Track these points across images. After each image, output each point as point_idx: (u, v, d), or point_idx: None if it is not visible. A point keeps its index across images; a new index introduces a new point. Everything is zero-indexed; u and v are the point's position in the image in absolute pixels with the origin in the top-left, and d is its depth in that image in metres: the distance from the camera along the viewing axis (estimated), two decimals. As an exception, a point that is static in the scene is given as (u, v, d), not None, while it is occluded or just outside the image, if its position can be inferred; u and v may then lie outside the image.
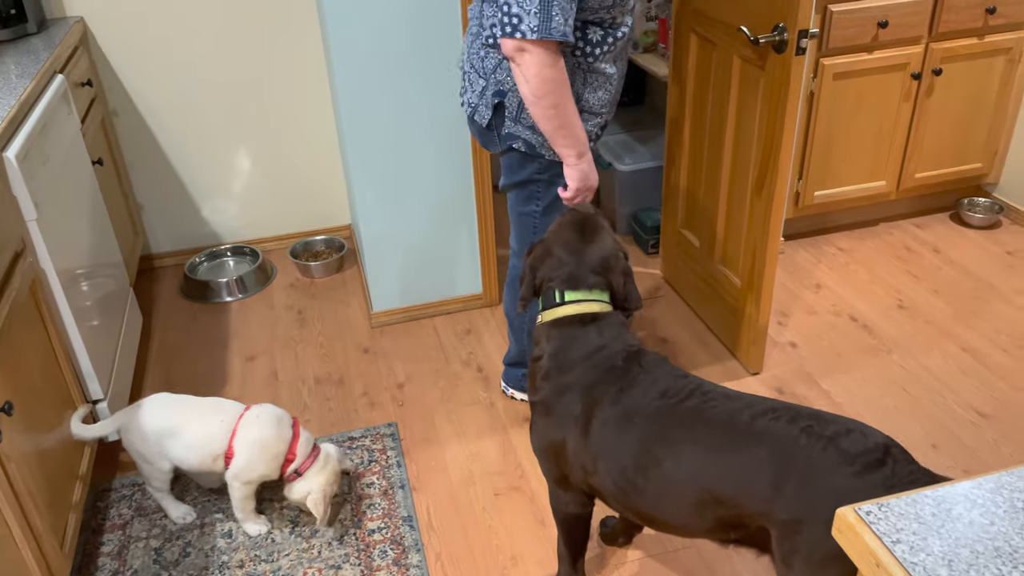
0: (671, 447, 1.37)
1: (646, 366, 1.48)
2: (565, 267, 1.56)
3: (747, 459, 1.30)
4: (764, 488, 1.27)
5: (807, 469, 1.25)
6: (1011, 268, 2.91)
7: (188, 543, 1.99)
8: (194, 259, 3.11)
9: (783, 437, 1.29)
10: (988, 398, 2.33)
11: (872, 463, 1.23)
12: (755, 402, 1.37)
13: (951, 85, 2.92)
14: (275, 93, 3.01)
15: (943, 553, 0.76)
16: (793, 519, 1.25)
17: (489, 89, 1.85)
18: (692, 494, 1.35)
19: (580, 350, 1.51)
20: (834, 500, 1.21)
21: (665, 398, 1.42)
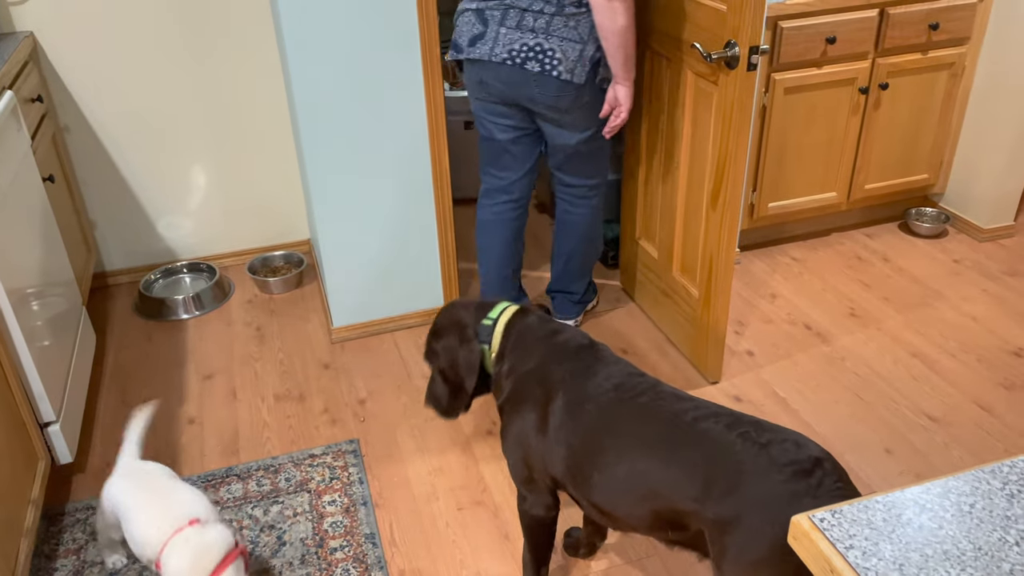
0: (617, 439, 1.42)
1: (602, 358, 1.56)
2: (470, 316, 1.69)
3: (683, 458, 1.35)
4: (695, 488, 1.32)
5: (736, 473, 1.29)
6: (957, 276, 3.00)
7: (145, 567, 1.95)
8: (149, 276, 3.06)
9: (719, 440, 1.33)
10: (938, 402, 2.39)
11: (800, 472, 1.26)
12: (702, 405, 1.42)
13: (897, 99, 3.01)
14: (231, 108, 2.99)
15: (894, 558, 0.78)
16: (721, 520, 1.29)
17: (588, 49, 2.20)
18: (632, 487, 1.40)
19: (533, 339, 1.62)
20: (759, 506, 1.26)
21: (618, 391, 1.48)
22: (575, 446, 1.49)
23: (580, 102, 2.27)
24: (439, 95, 2.49)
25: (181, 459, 2.28)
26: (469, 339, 1.67)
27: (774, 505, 1.25)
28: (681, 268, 2.55)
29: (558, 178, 2.52)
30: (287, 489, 2.16)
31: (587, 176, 2.49)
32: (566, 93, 2.24)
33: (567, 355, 1.58)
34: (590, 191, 2.52)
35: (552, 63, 2.20)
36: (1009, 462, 0.89)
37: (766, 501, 1.26)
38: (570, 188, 2.52)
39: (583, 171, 2.47)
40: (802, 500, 1.24)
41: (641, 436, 1.41)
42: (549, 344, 1.61)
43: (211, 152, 3.04)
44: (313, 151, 2.46)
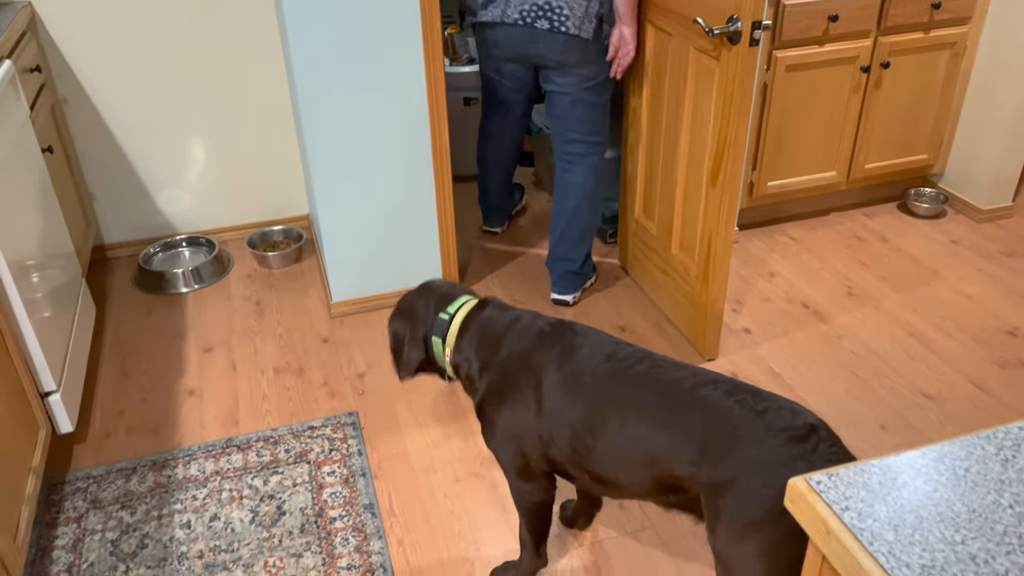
0: (617, 407, 1.44)
1: (581, 332, 1.57)
2: (430, 306, 1.68)
3: (681, 424, 1.37)
4: (692, 452, 1.34)
5: (733, 437, 1.31)
6: (955, 256, 3.01)
7: (145, 535, 1.97)
8: (148, 250, 3.06)
9: (717, 406, 1.35)
10: (933, 380, 2.41)
11: (796, 438, 1.29)
12: (700, 373, 1.44)
13: (898, 78, 3.01)
14: (231, 81, 2.97)
15: (889, 519, 0.79)
16: (717, 483, 1.31)
17: (593, 5, 2.36)
18: (633, 454, 1.42)
19: (497, 330, 1.60)
20: (754, 469, 1.28)
21: (612, 361, 1.49)
22: (575, 420, 1.49)
23: (586, 56, 2.43)
24: (439, 70, 2.48)
25: (181, 430, 2.29)
26: (416, 339, 1.68)
27: (770, 469, 1.27)
28: (680, 246, 2.56)
29: (559, 135, 2.60)
30: (287, 460, 2.17)
31: (587, 132, 2.56)
32: (572, 48, 2.40)
33: (544, 336, 1.57)
34: (590, 148, 2.59)
35: (560, 19, 2.37)
36: (1004, 428, 0.90)
37: (762, 465, 1.28)
38: (570, 145, 2.59)
39: (584, 125, 2.55)
40: (797, 464, 1.26)
41: (642, 403, 1.42)
42: (516, 330, 1.59)
43: (211, 125, 3.03)
44: (312, 125, 2.46)
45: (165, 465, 2.17)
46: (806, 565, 0.87)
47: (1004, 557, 0.75)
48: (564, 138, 2.60)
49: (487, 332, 1.61)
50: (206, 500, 2.06)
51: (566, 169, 2.64)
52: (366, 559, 1.89)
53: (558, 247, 2.73)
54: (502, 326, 1.61)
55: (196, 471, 2.15)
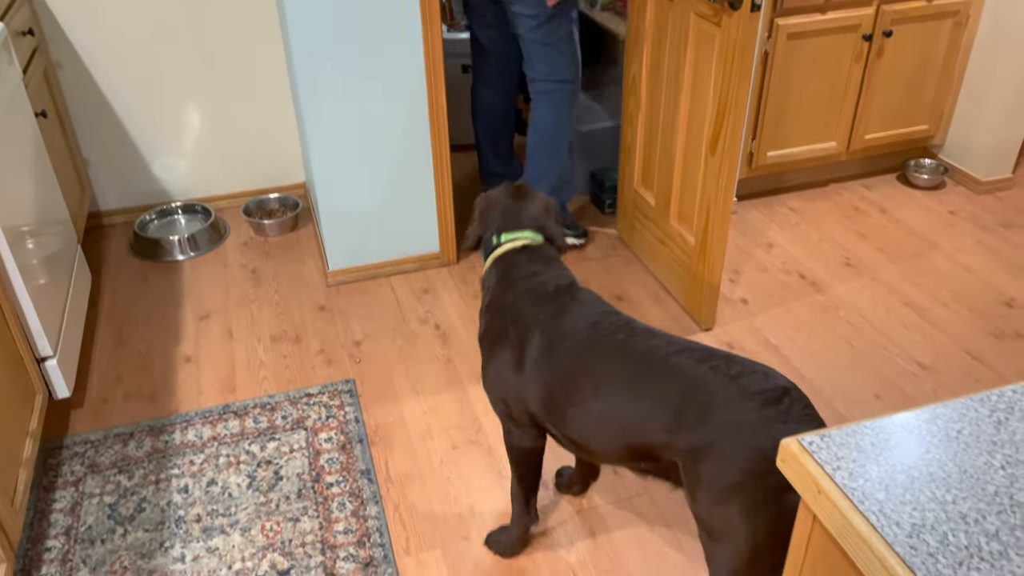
0: (592, 376, 1.46)
1: (579, 298, 1.59)
2: (500, 217, 1.73)
3: (655, 392, 1.38)
4: (667, 420, 1.36)
5: (708, 403, 1.32)
6: (953, 227, 3.01)
7: (143, 499, 1.98)
8: (144, 217, 3.04)
9: (690, 373, 1.36)
10: (928, 350, 2.42)
11: (770, 400, 1.30)
12: (674, 341, 1.45)
13: (901, 47, 2.98)
14: (227, 47, 2.94)
15: (880, 479, 0.80)
16: (694, 449, 1.33)
17: None
18: (607, 422, 1.45)
19: (515, 279, 1.64)
20: (731, 433, 1.29)
21: (594, 329, 1.51)
22: (551, 384, 1.52)
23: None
24: (437, 36, 2.45)
25: (178, 396, 2.30)
26: (475, 234, 1.79)
27: (746, 432, 1.29)
28: (678, 216, 2.55)
29: (527, 76, 2.73)
30: (284, 426, 2.18)
31: (544, 72, 2.65)
32: None
33: (545, 295, 1.60)
34: (550, 87, 2.67)
35: None
36: (997, 391, 0.90)
37: (738, 428, 1.29)
38: (533, 84, 2.71)
39: (540, 65, 2.65)
40: (772, 426, 1.27)
41: (615, 373, 1.44)
42: (530, 283, 1.62)
43: (206, 92, 3.00)
44: (309, 92, 2.43)
45: (162, 431, 2.18)
46: (797, 524, 0.88)
47: (995, 516, 0.75)
48: (530, 78, 2.71)
49: (507, 275, 1.66)
50: (203, 465, 2.07)
51: (533, 108, 2.76)
52: (362, 523, 1.90)
53: (527, 178, 2.82)
54: (522, 275, 1.64)
55: (193, 436, 2.15)
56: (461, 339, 2.51)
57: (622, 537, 1.88)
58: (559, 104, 2.69)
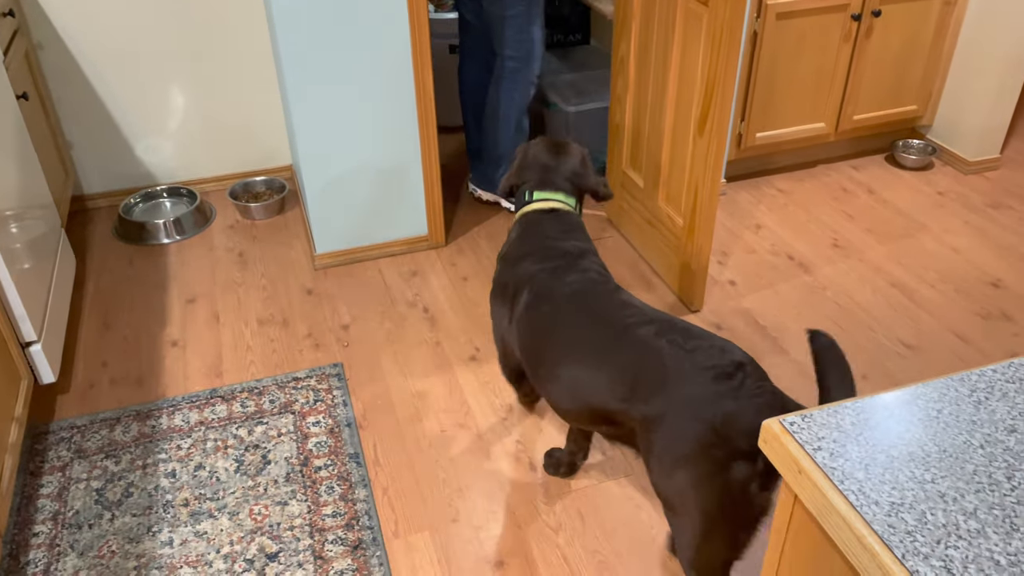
0: (558, 343, 1.54)
1: (579, 266, 1.65)
2: (536, 174, 1.82)
3: (614, 363, 1.44)
4: (624, 390, 1.41)
5: (661, 376, 1.36)
6: (941, 208, 3.01)
7: (131, 483, 1.98)
8: (129, 200, 3.02)
9: (649, 346, 1.41)
10: (915, 331, 2.43)
11: (723, 375, 1.32)
12: (641, 312, 1.50)
13: (889, 27, 2.97)
14: (211, 28, 2.90)
15: (860, 458, 0.80)
16: (647, 419, 1.37)
17: None
18: (571, 388, 1.51)
19: (532, 236, 1.73)
20: (681, 405, 1.33)
21: (573, 297, 1.59)
22: (527, 343, 1.62)
23: None
24: (423, 16, 2.43)
25: (164, 381, 2.29)
26: (509, 181, 1.89)
27: (696, 404, 1.31)
28: (666, 197, 2.55)
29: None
30: (271, 410, 2.18)
31: (499, 45, 2.73)
32: None
33: (549, 258, 1.66)
34: (505, 63, 2.75)
35: None
36: (978, 371, 0.90)
37: (689, 401, 1.32)
38: (494, 60, 2.79)
39: (499, 40, 2.71)
40: (723, 400, 1.30)
41: (579, 342, 1.50)
42: (542, 244, 1.70)
43: (191, 73, 2.97)
44: (293, 74, 2.41)
45: (149, 415, 2.17)
46: (779, 504, 0.88)
47: (973, 495, 0.76)
48: (493, 52, 2.81)
49: (527, 232, 1.75)
50: (191, 450, 2.06)
51: (492, 83, 2.85)
52: (351, 507, 1.91)
53: (483, 150, 2.97)
54: (539, 235, 1.72)
55: (180, 421, 2.15)
56: (449, 322, 2.50)
57: (611, 518, 1.89)
58: (502, 81, 2.76)
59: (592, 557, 1.80)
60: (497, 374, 2.30)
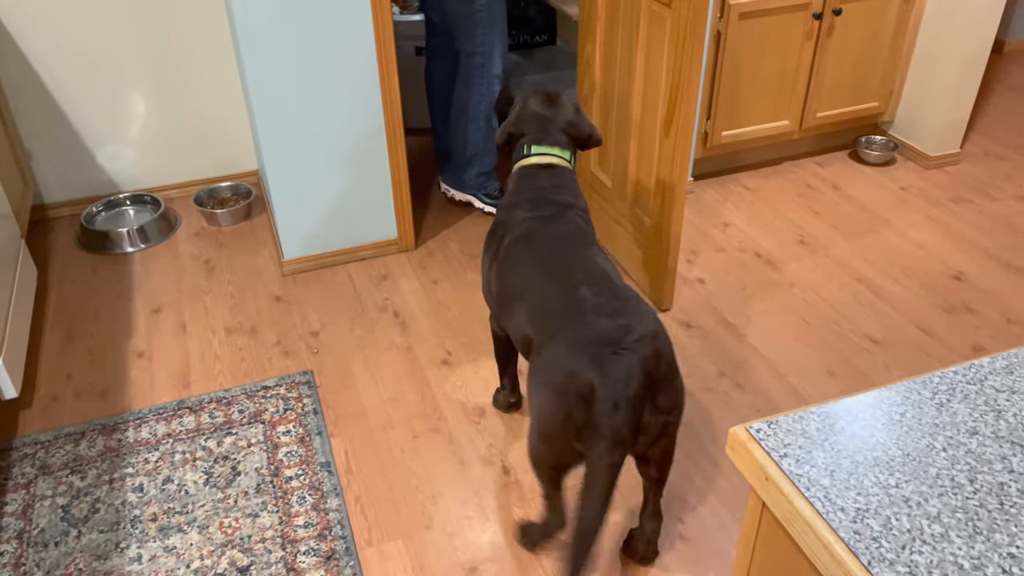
0: (520, 278, 1.67)
1: (563, 218, 1.75)
2: (534, 127, 1.91)
3: (546, 299, 1.58)
4: (540, 322, 1.58)
5: (565, 324, 1.50)
6: (904, 203, 3.06)
7: (97, 499, 1.94)
8: (91, 209, 2.96)
9: (575, 293, 1.54)
10: (880, 326, 2.46)
11: (606, 341, 1.43)
12: (591, 275, 1.57)
13: (850, 25, 3.01)
14: (171, 31, 2.86)
15: (826, 464, 0.80)
16: (537, 346, 1.56)
17: None
18: (517, 317, 1.66)
19: (526, 189, 1.83)
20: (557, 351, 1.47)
21: (548, 243, 1.69)
22: (499, 279, 1.75)
23: None
24: (387, 17, 2.41)
25: (130, 393, 2.25)
26: (504, 133, 1.96)
27: (566, 355, 1.45)
28: (634, 197, 2.56)
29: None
30: (240, 420, 2.15)
31: (465, 42, 2.72)
32: None
33: (537, 208, 1.77)
34: (463, 59, 2.76)
35: None
36: (939, 373, 0.92)
37: (563, 349, 1.46)
38: (456, 56, 2.79)
39: (462, 37, 2.72)
40: (581, 356, 1.42)
41: (533, 283, 1.64)
42: (535, 195, 1.80)
43: (151, 78, 2.92)
44: (257, 78, 2.38)
45: (115, 429, 2.13)
46: (747, 511, 0.89)
47: (936, 499, 0.77)
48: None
49: (522, 184, 1.85)
50: (158, 463, 2.03)
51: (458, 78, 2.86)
52: (323, 516, 1.89)
53: (449, 146, 2.96)
54: (533, 187, 1.82)
55: (147, 434, 2.11)
56: (421, 326, 2.49)
57: (583, 520, 1.89)
58: (459, 73, 2.77)
59: (567, 560, 1.80)
60: (470, 378, 2.30)
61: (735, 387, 2.25)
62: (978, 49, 3.00)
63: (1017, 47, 4.32)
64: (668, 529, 1.86)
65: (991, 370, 0.92)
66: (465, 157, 2.92)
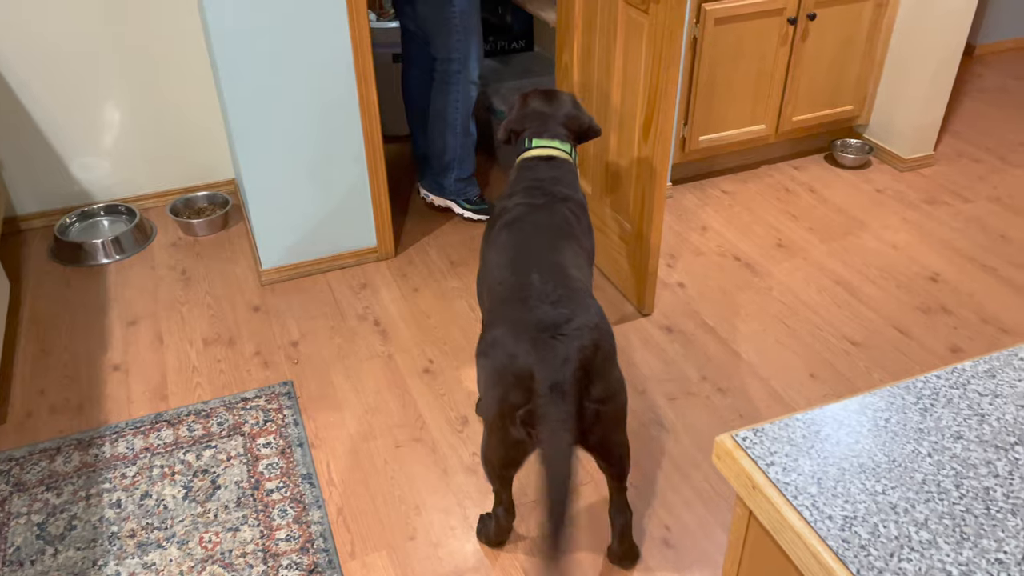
0: (497, 260, 1.70)
1: (555, 208, 1.78)
2: (535, 121, 1.96)
3: (505, 282, 1.62)
4: (489, 302, 1.64)
5: (513, 309, 1.53)
6: (880, 205, 3.09)
7: (73, 516, 1.91)
8: (64, 220, 2.92)
9: (527, 277, 1.57)
10: (859, 327, 2.48)
11: (545, 326, 1.46)
12: (551, 275, 1.59)
13: (825, 30, 3.03)
14: (147, 37, 2.82)
15: (812, 472, 0.80)
16: (483, 325, 1.63)
17: None
18: (485, 294, 1.72)
19: (526, 179, 1.87)
20: (500, 335, 1.50)
21: (533, 230, 1.71)
22: (483, 257, 1.79)
23: None
24: (364, 24, 2.40)
25: (107, 407, 2.22)
26: (506, 129, 2.01)
27: (507, 338, 1.48)
28: (614, 203, 2.56)
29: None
30: (220, 433, 2.12)
31: (440, 49, 2.71)
32: None
33: (534, 195, 1.80)
34: (439, 65, 2.75)
35: None
36: (923, 378, 0.92)
37: (506, 324, 1.50)
38: (432, 62, 2.78)
39: (437, 44, 2.71)
40: (521, 345, 1.45)
41: (505, 265, 1.66)
42: (532, 185, 1.83)
43: (126, 87, 2.88)
44: (232, 85, 2.36)
45: (91, 444, 2.10)
46: (734, 520, 0.89)
47: (923, 505, 0.77)
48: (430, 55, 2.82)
49: (523, 175, 1.89)
50: (136, 478, 2.00)
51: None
52: (305, 529, 1.87)
53: (427, 152, 2.96)
54: (532, 178, 1.86)
55: (124, 448, 2.08)
56: (401, 335, 2.47)
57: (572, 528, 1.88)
58: (436, 84, 2.76)
59: (552, 568, 1.79)
60: (452, 387, 2.28)
61: (717, 391, 2.25)
62: (950, 53, 3.04)
63: (988, 50, 4.39)
64: (652, 535, 1.86)
65: (973, 374, 0.92)
66: (443, 163, 2.91)
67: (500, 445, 1.59)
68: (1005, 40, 4.40)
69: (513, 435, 1.53)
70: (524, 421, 1.50)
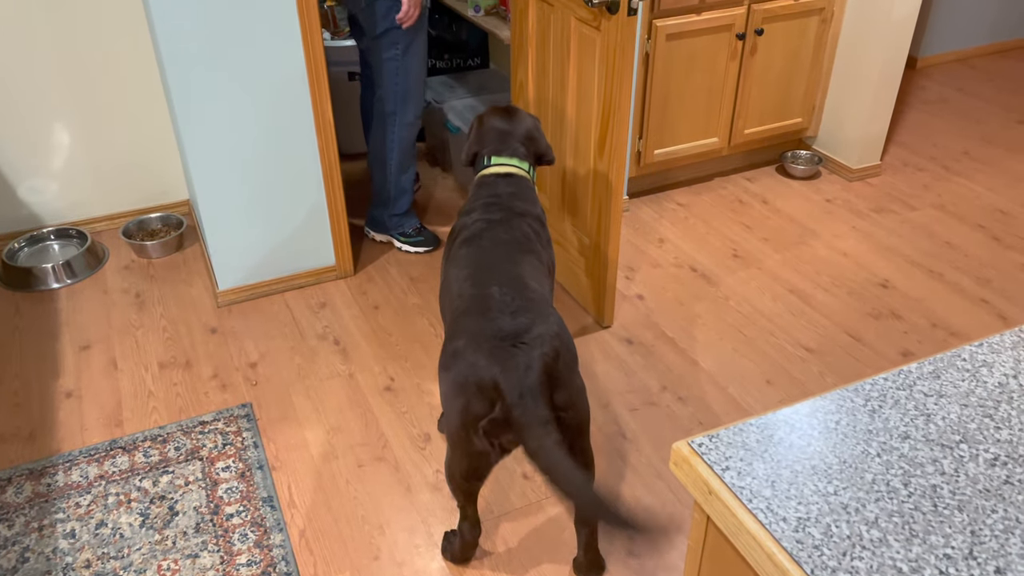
0: (457, 274, 1.71)
1: (514, 224, 1.80)
2: (493, 139, 1.98)
3: (469, 307, 1.60)
4: (451, 315, 1.65)
5: (474, 318, 1.55)
6: (830, 214, 3.16)
7: (26, 548, 1.85)
8: (12, 244, 2.85)
9: (487, 290, 1.59)
10: (813, 334, 2.54)
11: (505, 336, 1.48)
12: (512, 289, 1.61)
13: (772, 44, 3.11)
14: (94, 56, 2.78)
15: (767, 475, 0.82)
16: (446, 335, 1.62)
17: None
18: (446, 308, 1.72)
19: (484, 196, 1.88)
20: (461, 346, 1.51)
21: (491, 245, 1.73)
22: (443, 274, 1.81)
23: (371, 9, 2.52)
24: (317, 42, 2.40)
25: (59, 434, 2.16)
26: (469, 152, 2.02)
27: (468, 349, 1.50)
28: (572, 217, 2.58)
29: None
30: (177, 458, 2.09)
31: (379, 86, 2.67)
32: (363, 11, 2.55)
33: (492, 210, 1.82)
34: (377, 102, 2.71)
35: None
36: (870, 380, 0.95)
37: (464, 344, 1.51)
38: (378, 102, 2.74)
39: (380, 81, 2.66)
40: (477, 356, 1.47)
41: (454, 288, 1.68)
42: (490, 202, 1.85)
43: (74, 108, 2.83)
44: (183, 104, 2.33)
45: (43, 473, 2.04)
46: (693, 526, 0.90)
47: (874, 504, 0.79)
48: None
49: (481, 192, 1.90)
50: (91, 506, 1.95)
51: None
52: (267, 553, 1.84)
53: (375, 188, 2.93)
54: (490, 194, 1.88)
55: (78, 477, 2.03)
56: (362, 353, 2.46)
57: (536, 544, 1.88)
58: (388, 129, 2.73)
59: (518, 583, 1.79)
60: (414, 404, 2.27)
61: (677, 400, 2.28)
62: (893, 65, 3.13)
63: (929, 62, 4.54)
64: (617, 545, 1.87)
65: (919, 375, 0.95)
66: (381, 199, 2.89)
67: (464, 457, 1.59)
68: (946, 52, 4.55)
69: (476, 446, 1.53)
70: (487, 432, 1.50)
